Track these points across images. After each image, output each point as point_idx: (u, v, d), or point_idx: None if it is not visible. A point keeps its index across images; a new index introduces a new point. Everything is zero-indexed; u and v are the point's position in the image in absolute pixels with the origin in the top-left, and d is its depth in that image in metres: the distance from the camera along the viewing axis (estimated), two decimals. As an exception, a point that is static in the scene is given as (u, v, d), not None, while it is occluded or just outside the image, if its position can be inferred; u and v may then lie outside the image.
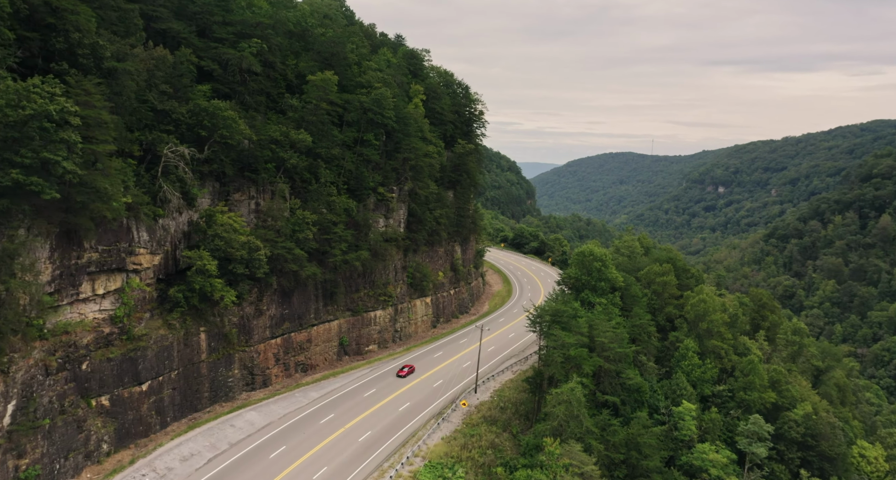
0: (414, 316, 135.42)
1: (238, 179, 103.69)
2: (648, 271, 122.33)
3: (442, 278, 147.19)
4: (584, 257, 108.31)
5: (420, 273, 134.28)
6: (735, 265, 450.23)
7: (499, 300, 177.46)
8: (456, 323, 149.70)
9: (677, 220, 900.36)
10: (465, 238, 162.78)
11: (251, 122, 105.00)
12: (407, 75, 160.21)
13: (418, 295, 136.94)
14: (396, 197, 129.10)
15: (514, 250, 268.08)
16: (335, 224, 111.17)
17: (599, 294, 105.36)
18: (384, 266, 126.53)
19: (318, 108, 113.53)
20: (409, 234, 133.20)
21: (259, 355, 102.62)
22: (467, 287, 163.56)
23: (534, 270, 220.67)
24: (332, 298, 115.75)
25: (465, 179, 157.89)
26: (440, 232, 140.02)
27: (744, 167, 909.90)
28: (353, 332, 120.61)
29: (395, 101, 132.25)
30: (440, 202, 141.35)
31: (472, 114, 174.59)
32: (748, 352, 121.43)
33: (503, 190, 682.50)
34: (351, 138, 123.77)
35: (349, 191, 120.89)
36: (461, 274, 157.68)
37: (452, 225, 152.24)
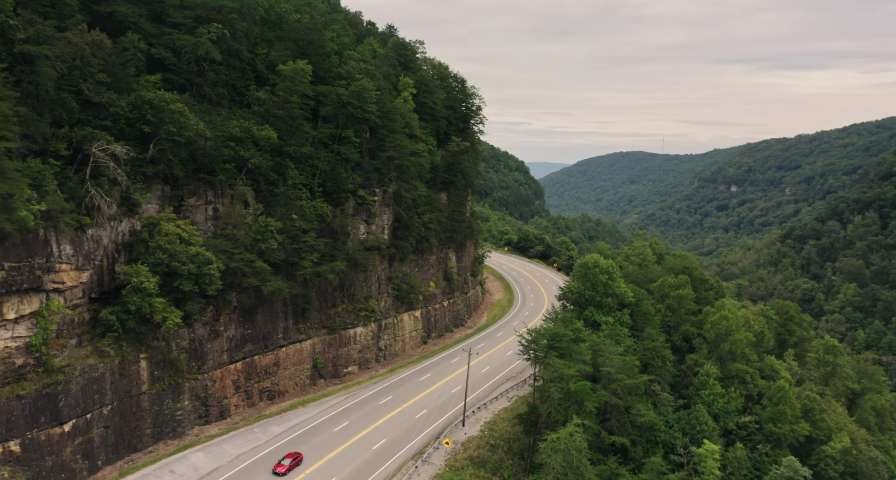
0: (400, 332, 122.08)
1: (193, 181, 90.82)
2: (662, 283, 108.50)
3: (433, 288, 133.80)
4: (588, 269, 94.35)
5: (407, 284, 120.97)
6: (750, 267, 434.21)
7: (499, 310, 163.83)
8: (449, 338, 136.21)
9: (689, 220, 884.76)
10: (461, 244, 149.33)
11: (207, 116, 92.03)
12: (396, 67, 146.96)
13: (405, 309, 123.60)
14: (379, 200, 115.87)
15: (519, 254, 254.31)
16: (305, 232, 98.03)
17: (606, 312, 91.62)
18: (365, 278, 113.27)
19: (287, 101, 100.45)
20: (395, 241, 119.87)
21: (214, 383, 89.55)
22: (463, 298, 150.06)
23: (538, 276, 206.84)
24: (304, 315, 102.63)
25: (460, 179, 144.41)
26: (430, 238, 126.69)
27: (756, 166, 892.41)
28: (329, 352, 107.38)
29: (378, 94, 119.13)
30: (430, 205, 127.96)
31: (468, 109, 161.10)
32: (776, 375, 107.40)
33: (511, 190, 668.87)
34: (327, 135, 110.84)
35: (325, 194, 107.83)
36: (456, 284, 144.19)
37: (445, 230, 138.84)
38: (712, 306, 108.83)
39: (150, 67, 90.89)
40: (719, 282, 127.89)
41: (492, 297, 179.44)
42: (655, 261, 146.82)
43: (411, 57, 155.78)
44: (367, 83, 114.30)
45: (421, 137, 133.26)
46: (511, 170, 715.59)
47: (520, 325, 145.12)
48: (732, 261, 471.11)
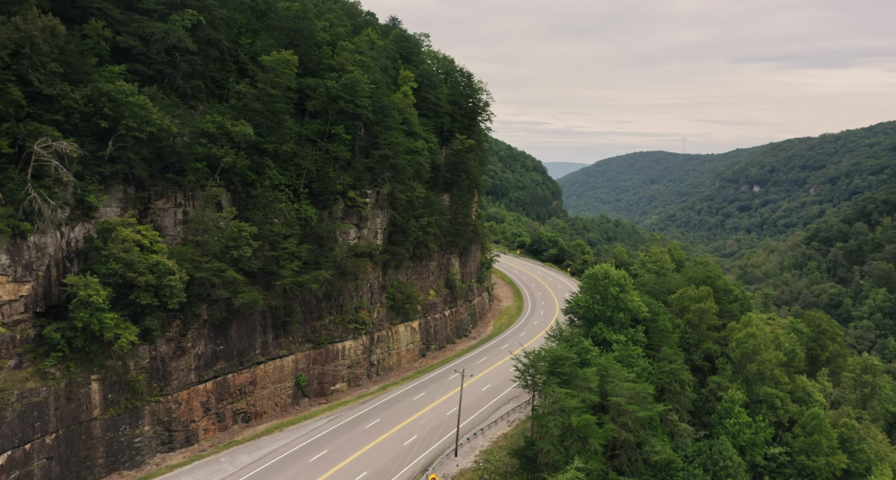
0: (396, 345, 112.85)
1: (160, 182, 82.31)
2: (681, 295, 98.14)
3: (433, 297, 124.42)
4: (598, 280, 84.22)
5: (403, 293, 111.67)
6: (774, 270, 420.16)
7: (506, 319, 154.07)
8: (450, 351, 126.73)
9: (710, 220, 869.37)
10: (465, 249, 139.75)
11: (175, 110, 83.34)
12: (396, 61, 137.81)
13: (401, 320, 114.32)
14: (372, 203, 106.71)
15: (532, 257, 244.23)
16: (285, 238, 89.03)
17: (617, 329, 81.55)
18: (356, 287, 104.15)
19: (267, 94, 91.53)
20: (389, 247, 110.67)
21: (180, 405, 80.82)
22: (467, 306, 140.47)
23: (550, 281, 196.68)
24: (286, 328, 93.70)
25: (464, 180, 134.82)
26: (429, 243, 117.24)
27: (780, 166, 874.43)
28: (314, 369, 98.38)
29: (373, 87, 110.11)
30: (430, 208, 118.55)
31: (475, 105, 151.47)
32: (809, 398, 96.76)
33: (527, 191, 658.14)
34: (315, 132, 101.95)
35: (311, 196, 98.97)
36: (459, 291, 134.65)
37: (447, 235, 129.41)
38: (737, 320, 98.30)
39: (116, 57, 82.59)
40: (744, 293, 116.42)
41: (500, 304, 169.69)
42: (674, 269, 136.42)
43: (414, 50, 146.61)
44: (359, 76, 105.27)
45: (421, 135, 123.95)
46: (528, 170, 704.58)
47: (527, 336, 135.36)
48: (755, 264, 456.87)
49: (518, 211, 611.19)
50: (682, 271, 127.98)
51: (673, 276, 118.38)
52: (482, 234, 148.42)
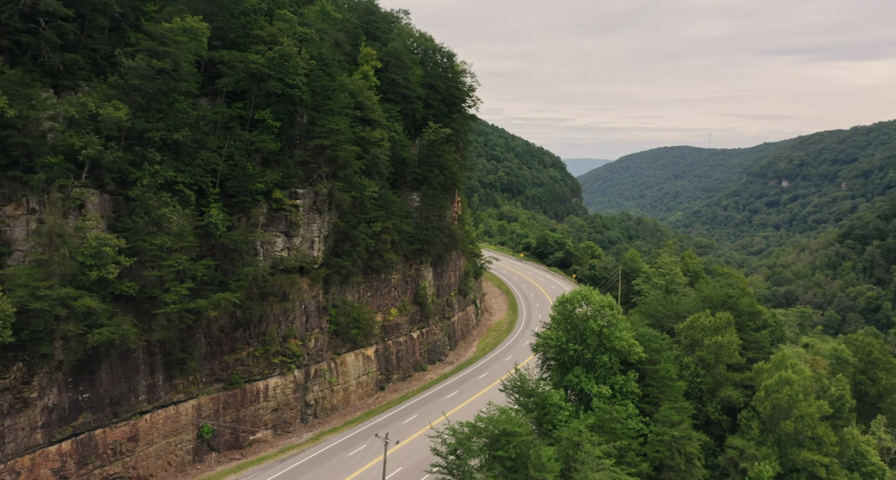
0: (342, 379, 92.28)
1: (5, 182, 62.73)
2: (692, 324, 75.99)
3: (395, 317, 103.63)
4: (569, 312, 62.15)
5: (350, 316, 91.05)
6: (805, 271, 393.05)
7: (494, 337, 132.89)
8: (418, 381, 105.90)
9: (737, 217, 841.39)
10: (441, 258, 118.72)
11: (24, 90, 63.58)
12: (359, 37, 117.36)
13: (349, 348, 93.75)
14: (307, 205, 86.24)
15: (537, 260, 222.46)
16: (169, 252, 68.78)
17: (600, 377, 59.96)
18: (284, 310, 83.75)
19: (150, 67, 71.32)
20: (332, 259, 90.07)
21: (19, 475, 60.93)
22: (444, 325, 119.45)
23: (552, 290, 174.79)
24: (183, 366, 73.50)
25: (438, 176, 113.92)
26: (385, 254, 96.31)
27: (809, 160, 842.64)
28: (225, 415, 78.12)
29: (312, 64, 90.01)
30: (386, 210, 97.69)
31: (457, 89, 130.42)
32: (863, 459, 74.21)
33: (545, 188, 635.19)
34: (234, 117, 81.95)
35: (225, 197, 78.86)
36: (432, 308, 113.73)
37: (416, 241, 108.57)
38: (767, 359, 75.79)
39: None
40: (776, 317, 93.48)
41: (490, 319, 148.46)
42: (687, 282, 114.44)
43: (381, 26, 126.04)
44: (291, 49, 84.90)
45: (380, 122, 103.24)
46: (546, 166, 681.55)
47: (512, 362, 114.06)
48: (785, 263, 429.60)
49: (535, 209, 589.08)
50: (697, 284, 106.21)
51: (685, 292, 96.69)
52: (461, 239, 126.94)
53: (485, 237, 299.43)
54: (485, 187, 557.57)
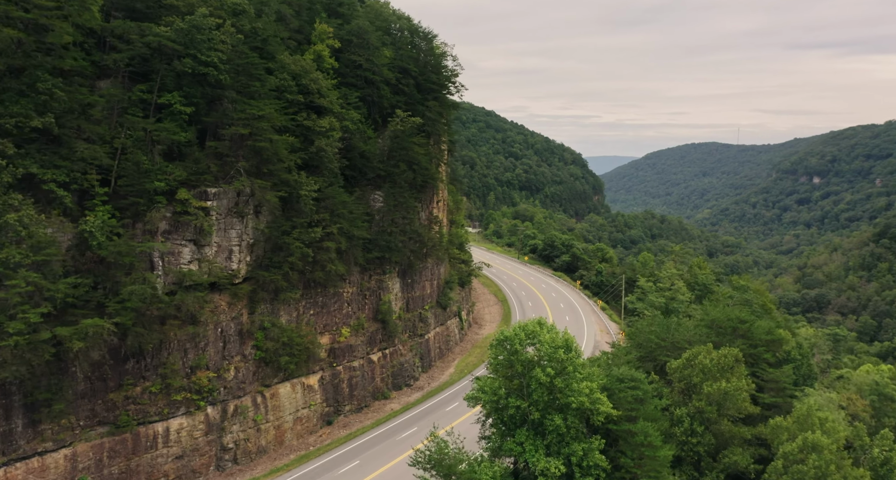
0: (273, 415, 77.18)
1: None
2: (690, 361, 58.95)
3: (347, 338, 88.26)
4: (511, 353, 45.68)
5: (281, 341, 75.88)
6: (838, 272, 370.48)
7: (478, 355, 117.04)
8: (376, 413, 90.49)
9: (766, 214, 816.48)
10: (411, 266, 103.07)
11: None
12: (319, 14, 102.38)
13: (283, 377, 78.62)
14: (225, 207, 71.36)
15: (543, 264, 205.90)
16: (16, 268, 54.18)
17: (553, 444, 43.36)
18: (192, 336, 68.82)
19: (7, 37, 56.88)
20: (258, 272, 74.94)
21: None
22: (414, 343, 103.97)
23: (552, 298, 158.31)
24: (50, 408, 58.88)
25: (405, 172, 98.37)
26: (328, 264, 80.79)
27: (842, 155, 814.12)
28: (111, 465, 63.37)
29: (238, 39, 75.44)
30: (333, 212, 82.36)
31: (435, 73, 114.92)
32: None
33: (565, 186, 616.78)
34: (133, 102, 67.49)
35: (115, 199, 64.26)
36: (397, 326, 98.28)
37: (377, 248, 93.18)
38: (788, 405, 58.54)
39: None
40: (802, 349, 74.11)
41: (479, 332, 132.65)
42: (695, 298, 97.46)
43: (346, 1, 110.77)
44: (205, 21, 70.20)
45: (331, 109, 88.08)
46: (566, 163, 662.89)
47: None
48: (816, 264, 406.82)
49: (554, 207, 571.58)
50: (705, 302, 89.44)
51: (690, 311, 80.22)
52: (438, 243, 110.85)
53: (493, 238, 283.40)
54: (502, 184, 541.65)
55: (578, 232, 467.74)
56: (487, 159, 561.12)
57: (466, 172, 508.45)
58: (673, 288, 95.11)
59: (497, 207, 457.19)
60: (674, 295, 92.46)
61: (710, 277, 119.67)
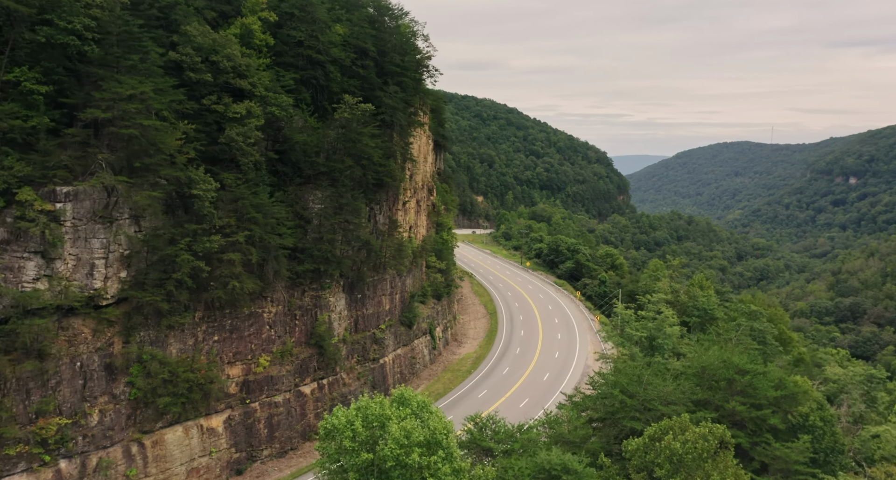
0: (156, 468, 62.27)
1: None
2: (652, 442, 41.40)
3: (267, 367, 73.15)
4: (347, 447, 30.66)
5: (160, 377, 60.91)
6: (875, 279, 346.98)
7: (448, 380, 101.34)
8: (303, 457, 75.12)
9: (800, 216, 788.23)
10: (361, 279, 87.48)
11: None
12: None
13: (172, 419, 63.75)
14: (85, 211, 56.58)
15: (546, 270, 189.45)
16: None
17: None
18: (40, 373, 54.16)
19: None
20: (135, 291, 60.09)
21: None
22: (365, 370, 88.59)
23: (547, 312, 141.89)
24: None
25: (352, 167, 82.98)
26: (229, 281, 65.53)
27: (880, 155, 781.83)
28: None
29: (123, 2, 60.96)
30: (242, 216, 67.23)
31: (399, 56, 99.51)
32: None
33: (588, 185, 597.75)
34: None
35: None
36: (340, 350, 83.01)
37: (311, 259, 77.93)
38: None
39: None
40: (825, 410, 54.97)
41: (456, 351, 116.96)
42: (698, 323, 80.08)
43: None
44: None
45: (254, 92, 73.22)
46: (590, 162, 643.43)
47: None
48: (851, 270, 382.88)
49: (576, 207, 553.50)
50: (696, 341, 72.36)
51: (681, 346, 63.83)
52: (395, 253, 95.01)
53: (501, 240, 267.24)
54: (521, 183, 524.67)
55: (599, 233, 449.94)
56: (507, 157, 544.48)
57: (484, 171, 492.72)
58: (658, 318, 77.49)
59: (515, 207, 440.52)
60: (660, 325, 75.01)
61: (712, 299, 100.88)
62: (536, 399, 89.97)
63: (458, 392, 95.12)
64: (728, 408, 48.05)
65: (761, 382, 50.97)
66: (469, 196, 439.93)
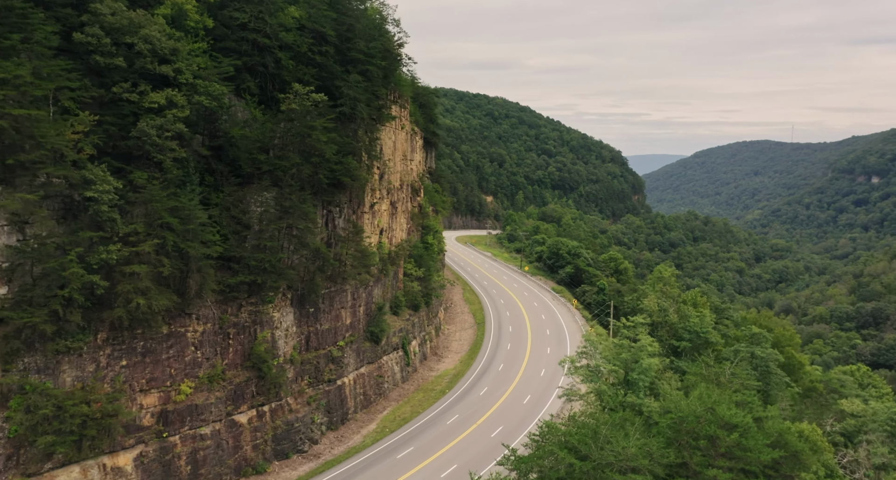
0: (42, 518, 53.02)
1: None
2: None
3: (190, 395, 63.79)
4: None
5: (40, 413, 51.58)
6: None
7: (419, 401, 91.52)
8: (234, 497, 65.77)
9: (820, 216, 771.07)
10: (313, 291, 77.85)
11: None
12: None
13: (62, 460, 54.40)
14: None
15: (546, 275, 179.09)
16: None
17: None
18: None
19: None
20: (8, 311, 50.85)
21: None
22: (315, 394, 78.96)
23: (540, 322, 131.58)
24: None
25: (301, 166, 73.53)
26: (134, 298, 56.01)
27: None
28: None
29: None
30: (153, 221, 57.85)
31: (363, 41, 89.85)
32: None
33: (602, 184, 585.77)
34: None
35: None
36: (281, 373, 73.47)
37: (247, 269, 68.41)
38: None
39: None
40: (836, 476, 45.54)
41: (435, 366, 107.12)
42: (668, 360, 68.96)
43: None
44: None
45: (177, 80, 64.03)
46: (604, 161, 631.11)
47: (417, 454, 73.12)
48: (873, 273, 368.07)
49: (589, 207, 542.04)
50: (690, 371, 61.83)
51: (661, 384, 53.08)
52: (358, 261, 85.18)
53: (504, 242, 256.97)
54: (532, 183, 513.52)
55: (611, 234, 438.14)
56: (518, 156, 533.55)
57: (494, 170, 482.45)
58: (634, 348, 64.92)
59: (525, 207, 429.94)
60: (636, 356, 63.14)
61: (706, 320, 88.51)
62: (512, 428, 79.98)
63: (426, 417, 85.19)
64: (708, 477, 37.87)
65: (754, 439, 40.44)
66: (478, 196, 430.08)
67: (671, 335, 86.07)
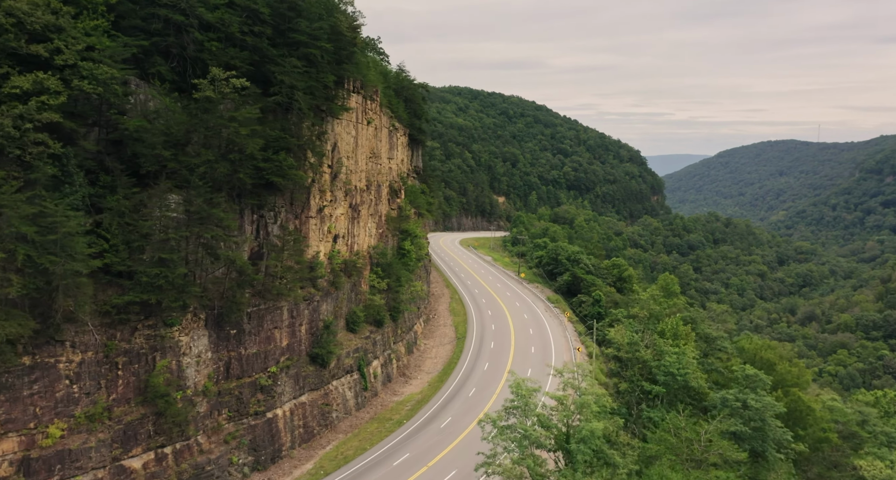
0: None
1: None
2: None
3: (59, 439, 52.93)
4: None
5: None
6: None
7: (369, 434, 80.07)
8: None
9: (847, 217, 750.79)
10: (234, 311, 66.77)
11: None
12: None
13: None
14: None
15: (544, 282, 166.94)
16: None
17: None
18: None
19: None
20: None
21: None
22: (237, 431, 67.81)
23: (528, 337, 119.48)
24: None
25: (214, 163, 62.52)
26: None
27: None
28: None
29: None
30: (3, 229, 47.09)
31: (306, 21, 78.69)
32: None
33: (619, 185, 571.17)
34: None
35: None
36: (186, 409, 62.43)
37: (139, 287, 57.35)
38: None
39: None
40: None
41: (400, 389, 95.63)
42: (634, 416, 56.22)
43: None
44: None
45: (55, 60, 53.46)
46: (622, 161, 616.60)
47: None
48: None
49: (606, 208, 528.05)
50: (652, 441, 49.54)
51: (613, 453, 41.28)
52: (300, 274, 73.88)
53: (508, 245, 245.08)
54: (546, 183, 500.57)
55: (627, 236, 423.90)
56: (532, 156, 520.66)
57: (507, 170, 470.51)
58: (579, 403, 49.95)
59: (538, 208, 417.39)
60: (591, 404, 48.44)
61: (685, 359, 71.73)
62: (468, 471, 68.16)
63: (372, 455, 73.63)
64: None
65: None
66: (489, 196, 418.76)
67: (644, 375, 72.09)
